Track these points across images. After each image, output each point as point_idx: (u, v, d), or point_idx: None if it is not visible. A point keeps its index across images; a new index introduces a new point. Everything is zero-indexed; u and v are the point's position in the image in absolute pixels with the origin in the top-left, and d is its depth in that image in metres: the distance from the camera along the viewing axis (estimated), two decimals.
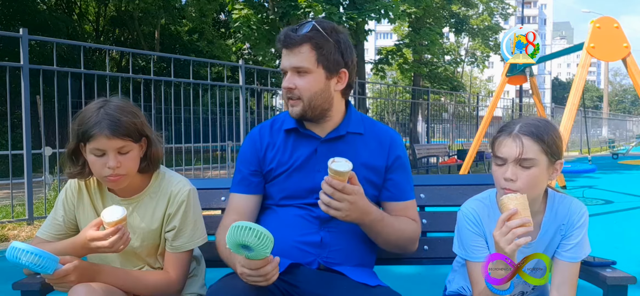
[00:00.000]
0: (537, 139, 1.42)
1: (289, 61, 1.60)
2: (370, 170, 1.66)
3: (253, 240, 1.28)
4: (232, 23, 12.50)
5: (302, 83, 1.59)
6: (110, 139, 1.49)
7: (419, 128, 16.66)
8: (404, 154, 1.73)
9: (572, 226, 1.52)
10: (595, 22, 6.99)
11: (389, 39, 60.73)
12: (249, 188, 1.70)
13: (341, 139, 1.66)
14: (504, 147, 1.45)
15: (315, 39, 1.57)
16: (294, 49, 1.58)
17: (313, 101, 1.60)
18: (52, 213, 1.69)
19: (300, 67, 1.58)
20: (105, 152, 1.51)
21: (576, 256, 1.51)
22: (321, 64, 1.59)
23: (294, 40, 1.58)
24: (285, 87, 1.61)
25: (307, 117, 1.62)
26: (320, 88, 1.60)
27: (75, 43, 8.88)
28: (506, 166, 1.44)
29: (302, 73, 1.59)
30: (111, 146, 1.50)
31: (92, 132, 1.49)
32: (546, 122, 1.48)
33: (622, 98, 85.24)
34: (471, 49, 28.23)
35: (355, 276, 1.58)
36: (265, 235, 1.29)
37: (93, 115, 1.50)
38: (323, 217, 1.60)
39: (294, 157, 1.65)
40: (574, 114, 6.94)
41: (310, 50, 1.58)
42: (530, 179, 1.42)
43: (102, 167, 1.52)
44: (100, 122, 1.49)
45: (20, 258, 1.32)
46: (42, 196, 6.12)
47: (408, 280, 3.63)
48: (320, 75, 1.60)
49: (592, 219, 6.44)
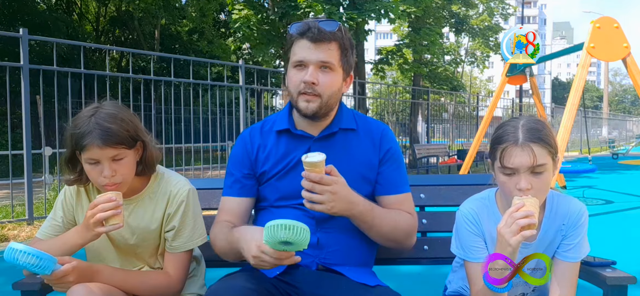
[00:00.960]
0: (543, 144, 1.43)
1: (317, 55, 1.57)
2: (365, 166, 1.65)
3: (292, 236, 1.31)
4: (232, 23, 12.49)
5: (325, 80, 1.59)
6: (102, 149, 1.47)
7: (419, 128, 16.65)
8: (396, 147, 1.72)
9: (573, 226, 1.52)
10: (595, 22, 6.99)
11: (389, 39, 60.73)
12: (241, 191, 1.69)
13: (334, 136, 1.66)
14: (514, 158, 1.42)
15: (342, 39, 1.60)
16: (323, 44, 1.57)
17: (330, 100, 1.61)
18: (51, 214, 1.69)
19: (328, 62, 1.58)
20: (99, 161, 1.50)
21: (576, 256, 1.51)
22: (342, 65, 1.62)
23: (325, 35, 1.57)
24: (307, 81, 1.57)
25: (319, 115, 1.62)
26: (338, 88, 1.63)
27: (75, 43, 8.87)
28: (518, 176, 1.42)
29: (327, 70, 1.59)
30: (104, 155, 1.49)
31: (84, 142, 1.47)
32: (541, 123, 1.48)
33: (622, 98, 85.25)
34: (471, 49, 28.23)
35: (354, 277, 1.57)
36: (302, 228, 1.31)
37: (84, 124, 1.48)
38: (319, 217, 1.60)
39: (288, 158, 1.65)
40: (574, 114, 6.94)
41: (337, 49, 1.60)
42: (543, 184, 1.43)
43: (98, 176, 1.51)
44: (92, 132, 1.47)
45: (18, 258, 1.32)
46: (42, 196, 6.12)
47: (408, 280, 3.63)
48: (339, 76, 1.62)
49: (592, 219, 6.43)
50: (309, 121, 1.64)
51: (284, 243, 1.33)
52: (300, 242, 1.33)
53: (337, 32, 1.59)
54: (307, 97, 1.58)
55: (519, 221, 1.33)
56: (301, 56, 1.58)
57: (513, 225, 1.34)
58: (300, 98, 1.59)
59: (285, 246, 1.34)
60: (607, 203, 7.93)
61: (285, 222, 1.30)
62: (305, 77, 1.57)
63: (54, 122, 6.58)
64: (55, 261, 1.38)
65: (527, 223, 1.33)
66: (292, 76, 1.61)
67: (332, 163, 1.58)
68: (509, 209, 1.38)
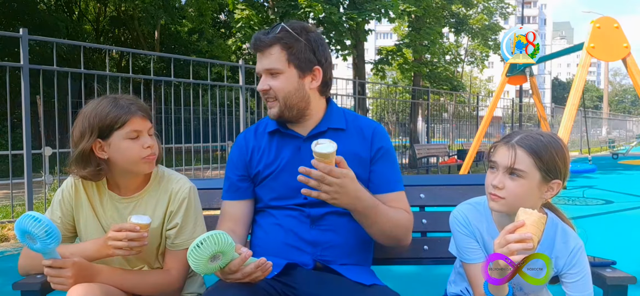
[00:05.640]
0: (532, 153, 1.41)
1: (261, 64, 1.64)
2: (354, 159, 1.62)
3: (209, 247, 1.29)
4: (234, 24, 12.51)
5: (276, 83, 1.62)
6: (144, 119, 1.57)
7: (419, 128, 16.64)
8: (388, 145, 1.71)
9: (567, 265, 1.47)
10: (595, 22, 6.98)
11: (389, 39, 60.72)
12: (238, 194, 1.71)
13: (323, 135, 1.67)
14: (497, 154, 1.46)
15: (284, 39, 1.61)
16: (265, 52, 1.62)
17: (288, 100, 1.63)
18: (48, 213, 1.67)
19: (271, 68, 1.62)
20: (140, 134, 1.56)
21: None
22: (292, 64, 1.62)
23: (264, 42, 1.61)
24: (260, 90, 1.65)
25: (285, 117, 1.65)
26: (294, 87, 1.63)
27: (75, 43, 8.87)
28: (496, 172, 1.44)
29: (275, 74, 1.62)
30: (146, 126, 1.57)
31: (126, 117, 1.53)
32: (550, 139, 1.45)
33: (622, 98, 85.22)
34: (470, 48, 28.22)
35: (351, 276, 1.57)
36: (212, 234, 1.30)
37: (113, 107, 1.53)
38: (313, 215, 1.61)
39: (279, 158, 1.67)
40: (574, 114, 6.94)
41: (280, 51, 1.61)
42: (516, 190, 1.41)
43: (140, 149, 1.55)
44: (130, 106, 1.54)
45: (27, 226, 1.33)
46: (42, 196, 6.12)
47: (408, 280, 3.63)
48: (292, 75, 1.63)
49: (592, 219, 6.47)
50: (293, 122, 1.67)
51: (213, 258, 1.32)
52: (224, 246, 1.31)
53: (278, 33, 1.61)
54: (269, 103, 1.66)
55: (511, 246, 1.28)
56: (256, 68, 1.67)
57: (505, 248, 1.30)
58: (267, 105, 1.67)
59: (217, 262, 1.33)
60: (607, 203, 7.93)
61: (195, 241, 1.29)
62: (258, 87, 1.66)
63: (54, 122, 6.57)
64: (59, 240, 1.37)
65: (521, 248, 1.28)
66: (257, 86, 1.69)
67: None
68: (507, 225, 1.33)
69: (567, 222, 1.54)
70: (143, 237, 1.48)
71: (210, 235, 1.29)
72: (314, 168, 1.42)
